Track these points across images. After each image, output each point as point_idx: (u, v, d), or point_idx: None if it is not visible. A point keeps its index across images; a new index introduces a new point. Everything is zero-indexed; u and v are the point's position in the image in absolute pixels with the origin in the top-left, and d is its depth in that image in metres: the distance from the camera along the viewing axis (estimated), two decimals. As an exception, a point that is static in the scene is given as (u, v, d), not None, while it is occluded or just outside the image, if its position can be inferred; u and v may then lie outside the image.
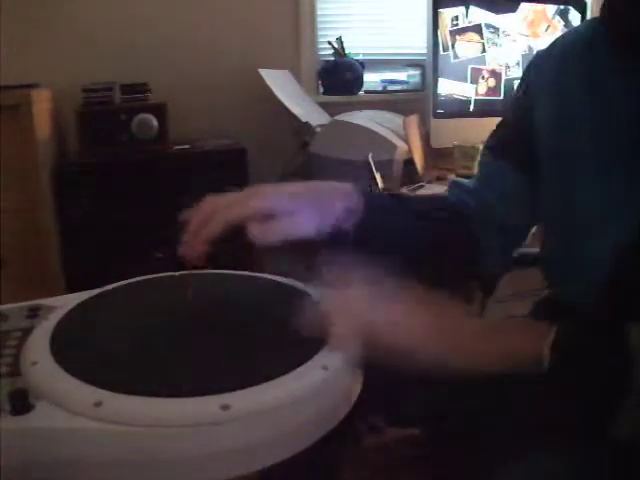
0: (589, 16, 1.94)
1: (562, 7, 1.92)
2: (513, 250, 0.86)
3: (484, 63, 1.91)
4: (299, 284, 0.65)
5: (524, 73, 0.79)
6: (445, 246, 0.76)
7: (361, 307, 0.54)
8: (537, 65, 0.77)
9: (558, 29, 1.93)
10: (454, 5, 1.84)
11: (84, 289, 0.64)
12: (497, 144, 0.82)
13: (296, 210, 0.59)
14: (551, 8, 1.92)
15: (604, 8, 0.68)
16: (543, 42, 1.91)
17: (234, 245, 0.56)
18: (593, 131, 0.66)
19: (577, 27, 0.75)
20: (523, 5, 1.89)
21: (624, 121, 0.64)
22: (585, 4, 1.94)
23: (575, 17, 1.93)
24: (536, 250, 0.84)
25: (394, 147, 1.69)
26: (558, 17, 1.93)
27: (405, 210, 0.75)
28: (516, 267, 0.97)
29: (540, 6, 1.91)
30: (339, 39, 2.35)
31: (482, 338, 0.54)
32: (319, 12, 2.40)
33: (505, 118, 0.82)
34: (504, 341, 0.53)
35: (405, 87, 2.43)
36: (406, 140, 1.74)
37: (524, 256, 0.96)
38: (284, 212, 0.59)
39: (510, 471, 0.56)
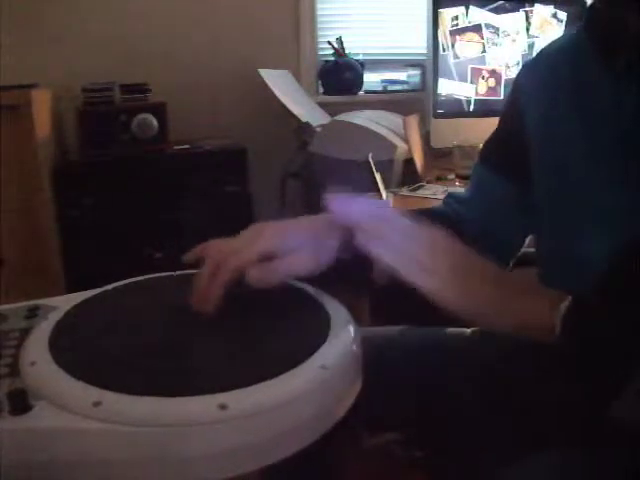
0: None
1: (561, 8, 1.92)
2: (507, 265, 0.86)
3: (484, 63, 1.92)
4: (298, 283, 0.65)
5: (513, 85, 0.79)
6: None
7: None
8: (525, 75, 0.77)
9: (557, 30, 1.93)
10: (454, 5, 1.84)
11: (84, 289, 0.64)
12: (489, 155, 0.82)
13: (296, 249, 0.61)
14: (550, 9, 1.92)
15: (587, 15, 0.69)
16: (542, 42, 1.91)
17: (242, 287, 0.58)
18: (583, 134, 0.66)
19: (562, 36, 0.76)
20: (523, 5, 1.89)
21: (612, 123, 0.64)
22: (585, 5, 1.94)
23: (573, 18, 1.93)
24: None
25: (394, 147, 1.69)
26: (557, 18, 1.93)
27: None
28: (515, 267, 0.97)
29: (539, 6, 1.91)
30: (339, 39, 2.35)
31: (496, 285, 0.54)
32: (319, 12, 2.40)
33: (497, 128, 0.82)
34: (517, 297, 0.53)
35: (405, 87, 2.43)
36: (406, 140, 1.74)
37: (523, 255, 0.97)
38: (284, 252, 0.60)
39: (510, 472, 0.56)
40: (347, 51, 2.35)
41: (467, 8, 1.85)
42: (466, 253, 0.57)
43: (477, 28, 1.88)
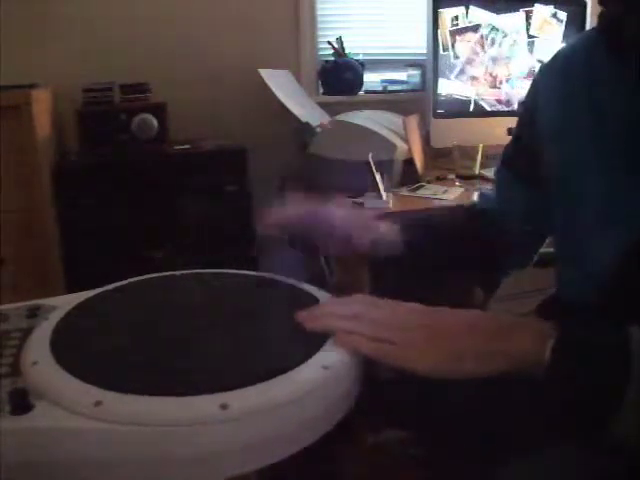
0: (588, 16, 1.93)
1: (561, 8, 1.92)
2: (535, 249, 0.89)
3: (484, 63, 1.91)
4: (300, 284, 0.65)
5: (530, 87, 0.81)
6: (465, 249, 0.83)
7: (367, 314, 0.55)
8: (541, 78, 0.78)
9: (557, 30, 1.93)
10: (454, 5, 1.84)
11: (84, 289, 0.65)
12: (508, 158, 0.85)
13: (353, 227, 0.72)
14: (550, 9, 1.92)
15: (602, 16, 0.69)
16: (543, 42, 1.91)
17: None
18: (595, 134, 0.67)
19: (577, 38, 0.76)
20: (523, 5, 1.89)
21: (624, 124, 0.64)
22: (585, 5, 1.94)
23: (574, 18, 1.93)
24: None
25: (394, 147, 1.69)
26: (557, 18, 1.93)
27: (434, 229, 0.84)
28: (534, 267, 0.99)
29: (539, 6, 1.91)
30: (339, 39, 2.35)
31: (490, 342, 0.53)
32: (319, 12, 2.40)
33: (514, 132, 0.85)
34: (510, 343, 0.52)
35: (405, 87, 2.43)
36: (406, 140, 1.74)
37: (543, 255, 0.98)
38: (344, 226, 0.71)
39: (510, 471, 0.56)
40: (347, 51, 2.35)
41: (467, 8, 1.85)
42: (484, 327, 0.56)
43: (477, 28, 1.88)
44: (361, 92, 2.40)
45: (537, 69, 0.81)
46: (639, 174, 0.63)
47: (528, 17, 1.91)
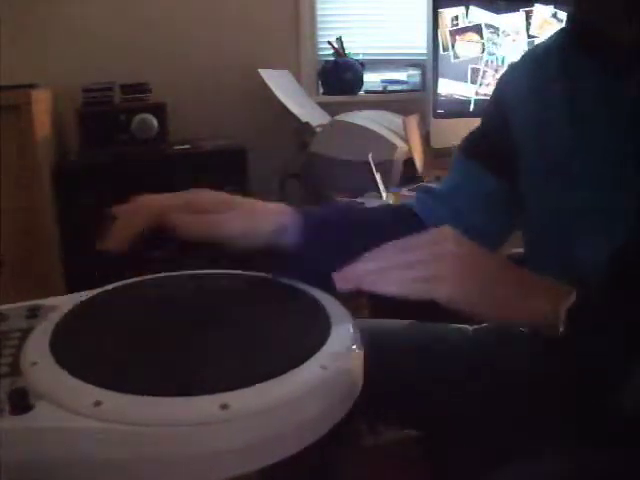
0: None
1: (561, 8, 1.92)
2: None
3: (484, 63, 1.91)
4: (298, 283, 0.65)
5: (496, 85, 0.78)
6: None
7: None
8: (510, 76, 0.76)
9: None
10: (454, 5, 1.84)
11: (84, 289, 0.64)
12: (471, 147, 0.81)
13: (227, 210, 0.59)
14: (550, 9, 1.92)
15: (571, 15, 0.69)
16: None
17: (165, 241, 0.56)
18: (576, 135, 0.66)
19: (548, 37, 0.75)
20: (523, 5, 1.89)
21: (606, 123, 0.63)
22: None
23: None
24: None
25: (394, 147, 1.69)
26: (557, 18, 1.93)
27: (349, 225, 0.72)
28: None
29: (539, 6, 1.91)
30: (339, 39, 2.35)
31: (514, 294, 0.51)
32: (319, 12, 2.40)
33: (481, 126, 0.82)
34: (529, 299, 0.51)
35: (405, 87, 2.43)
36: (406, 140, 1.74)
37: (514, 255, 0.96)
38: (214, 210, 0.59)
39: (510, 471, 0.56)
40: (347, 51, 2.36)
41: (467, 8, 1.85)
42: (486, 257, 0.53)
43: (477, 28, 1.88)
44: (361, 92, 2.40)
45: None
46: (627, 174, 0.62)
47: (528, 17, 1.91)
